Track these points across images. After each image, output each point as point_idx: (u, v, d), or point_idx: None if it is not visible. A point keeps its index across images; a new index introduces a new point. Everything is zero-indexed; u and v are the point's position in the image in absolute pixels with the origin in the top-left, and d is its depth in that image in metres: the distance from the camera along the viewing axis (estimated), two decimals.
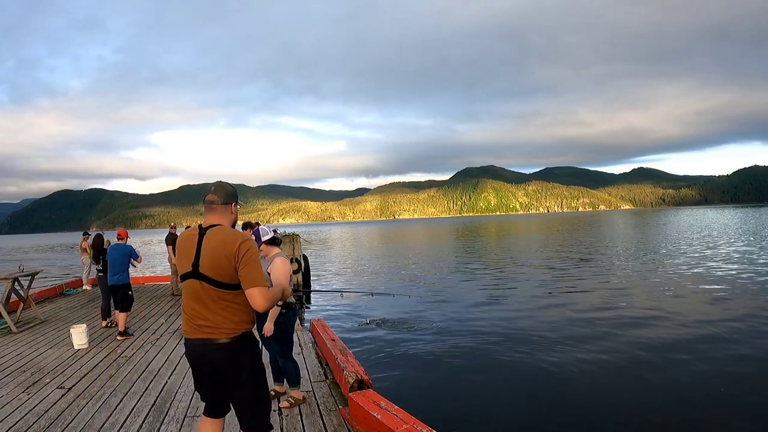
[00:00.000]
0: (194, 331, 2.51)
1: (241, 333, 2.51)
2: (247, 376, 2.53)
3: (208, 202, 2.63)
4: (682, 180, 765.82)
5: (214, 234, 2.51)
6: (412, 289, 14.78)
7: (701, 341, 7.86)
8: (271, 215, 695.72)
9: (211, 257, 2.46)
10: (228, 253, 2.43)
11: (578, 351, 7.57)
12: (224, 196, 2.62)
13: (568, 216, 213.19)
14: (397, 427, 3.35)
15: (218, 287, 2.46)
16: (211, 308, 2.48)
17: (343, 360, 4.81)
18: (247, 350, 2.54)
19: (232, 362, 2.49)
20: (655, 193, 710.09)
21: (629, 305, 10.99)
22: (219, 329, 2.47)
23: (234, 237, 2.48)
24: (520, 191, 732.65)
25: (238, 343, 2.50)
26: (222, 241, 2.46)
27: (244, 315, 2.53)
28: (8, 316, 8.09)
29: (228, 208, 2.64)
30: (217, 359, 2.50)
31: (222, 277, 2.45)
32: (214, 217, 2.61)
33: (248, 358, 2.54)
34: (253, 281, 2.41)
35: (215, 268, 2.45)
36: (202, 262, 2.48)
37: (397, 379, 6.56)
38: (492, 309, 11.19)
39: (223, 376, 2.53)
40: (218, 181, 2.69)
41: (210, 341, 2.48)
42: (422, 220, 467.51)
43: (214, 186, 2.66)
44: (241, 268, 2.42)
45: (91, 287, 13.07)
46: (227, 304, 2.48)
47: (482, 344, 8.18)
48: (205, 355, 2.51)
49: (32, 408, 4.52)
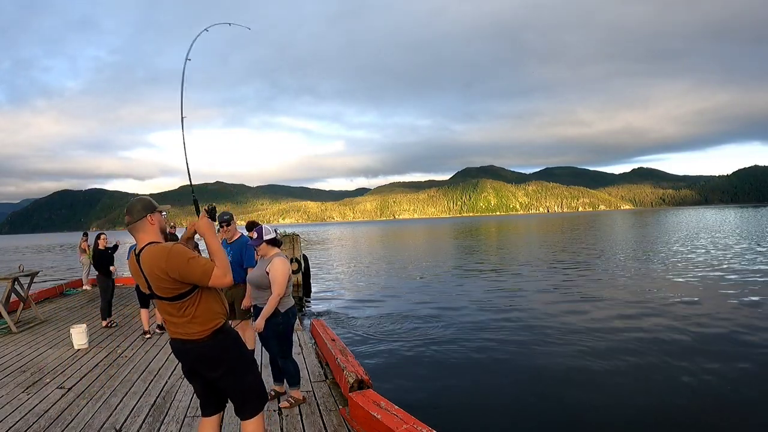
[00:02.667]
0: (172, 333, 2.66)
1: (212, 331, 2.59)
2: (227, 367, 2.63)
3: (127, 225, 2.63)
4: (682, 180, 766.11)
5: (145, 258, 2.53)
6: (413, 289, 14.78)
7: (706, 341, 7.85)
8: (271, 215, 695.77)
9: (153, 280, 2.51)
10: (161, 273, 2.45)
11: (579, 350, 7.57)
12: (136, 212, 2.60)
13: (568, 216, 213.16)
14: (397, 427, 3.35)
15: (176, 301, 2.53)
16: (178, 318, 2.57)
17: (343, 360, 4.80)
18: (220, 344, 2.62)
19: (208, 358, 2.61)
20: (655, 193, 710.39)
21: (630, 305, 10.98)
22: (190, 333, 2.58)
23: (159, 256, 2.47)
24: (520, 191, 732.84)
25: (211, 339, 2.59)
26: (152, 264, 2.48)
27: (209, 314, 2.59)
28: (8, 316, 8.09)
29: (145, 222, 2.61)
30: (193, 355, 2.62)
31: (173, 292, 2.51)
32: (138, 236, 2.62)
33: (223, 351, 2.62)
34: (204, 275, 2.46)
35: (162, 289, 2.51)
36: (152, 286, 2.54)
37: (397, 379, 6.56)
38: (493, 309, 11.18)
39: (205, 370, 2.65)
40: (132, 201, 2.68)
41: (186, 341, 2.61)
42: (422, 220, 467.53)
43: (126, 209, 2.65)
44: (186, 277, 2.46)
45: (91, 287, 13.06)
46: (191, 311, 2.55)
47: (483, 344, 8.18)
48: (183, 351, 2.64)
49: (32, 408, 4.51)
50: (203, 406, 2.83)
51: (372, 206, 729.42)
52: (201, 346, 2.59)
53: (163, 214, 2.72)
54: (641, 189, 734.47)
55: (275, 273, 4.01)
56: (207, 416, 2.82)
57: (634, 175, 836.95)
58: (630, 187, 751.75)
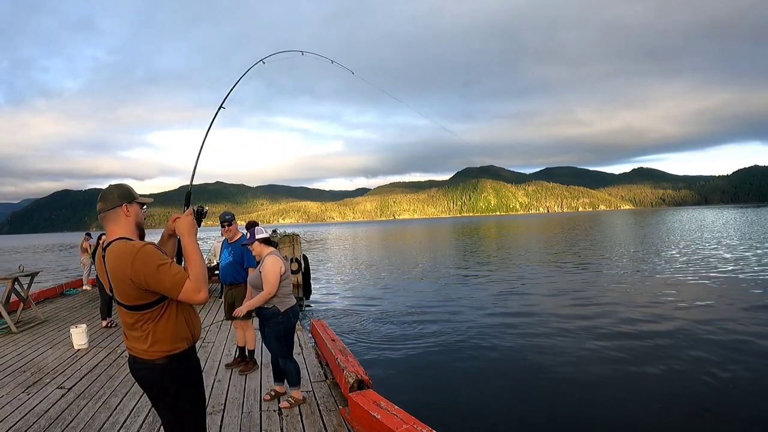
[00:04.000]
0: (127, 347, 2.31)
1: (167, 355, 2.21)
2: (168, 400, 2.26)
3: (98, 212, 2.26)
4: (681, 180, 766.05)
5: (109, 257, 2.16)
6: (413, 289, 14.78)
7: (707, 341, 7.85)
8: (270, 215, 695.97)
9: (116, 284, 2.15)
10: (125, 277, 2.09)
11: (580, 351, 7.57)
12: (110, 200, 2.25)
13: (568, 216, 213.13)
14: (397, 427, 3.35)
15: (134, 311, 2.17)
16: (133, 329, 2.22)
17: (343, 360, 4.81)
18: (170, 373, 2.23)
19: (153, 383, 2.25)
20: (655, 193, 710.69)
21: (631, 304, 10.98)
22: (140, 350, 2.23)
23: (122, 256, 2.10)
24: (520, 191, 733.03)
25: (164, 364, 2.22)
26: (116, 266, 2.12)
27: (169, 336, 2.22)
28: (8, 316, 8.10)
29: (119, 212, 2.24)
30: (140, 378, 2.29)
31: (135, 300, 2.15)
32: (109, 227, 2.25)
33: (171, 381, 2.23)
34: (174, 286, 2.09)
35: (124, 294, 2.15)
36: (114, 289, 2.18)
37: (397, 379, 6.56)
38: (493, 309, 11.18)
39: (149, 394, 2.31)
40: (108, 186, 2.32)
41: (137, 358, 2.26)
42: (422, 220, 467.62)
43: (100, 194, 2.28)
44: (152, 286, 2.09)
45: (92, 287, 13.06)
46: (148, 326, 2.19)
47: (483, 344, 8.18)
48: (133, 370, 2.30)
49: (32, 408, 4.52)
50: None
51: (372, 206, 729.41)
52: (149, 368, 2.21)
53: (143, 207, 2.36)
54: (641, 189, 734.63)
55: (266, 271, 4.06)
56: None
57: (634, 175, 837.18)
58: (630, 187, 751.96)
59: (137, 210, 2.31)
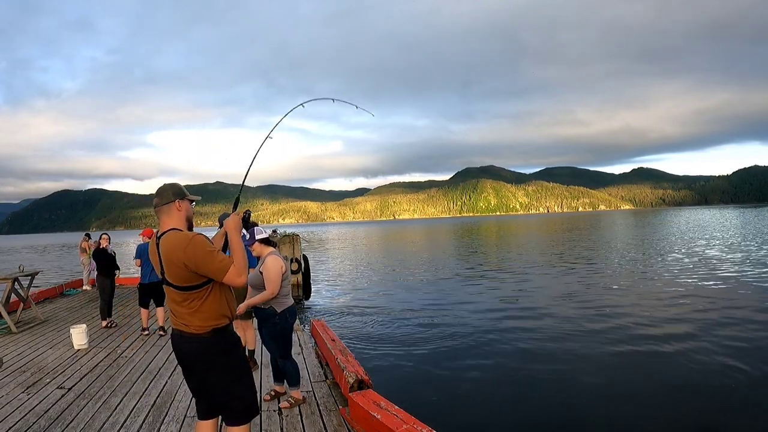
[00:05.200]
0: (174, 323, 2.65)
1: (212, 328, 2.57)
2: (218, 369, 2.59)
3: (154, 207, 2.66)
4: (681, 180, 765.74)
5: (164, 243, 2.54)
6: (413, 290, 14.78)
7: (709, 342, 7.85)
8: (270, 215, 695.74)
9: (168, 266, 2.52)
10: (178, 261, 2.46)
11: (581, 351, 7.57)
12: (165, 196, 2.63)
13: (568, 216, 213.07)
14: (397, 427, 3.35)
15: (184, 291, 2.53)
16: (182, 308, 2.57)
17: (343, 360, 4.80)
18: (216, 344, 2.58)
19: (200, 355, 2.58)
20: (654, 193, 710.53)
21: (633, 305, 10.99)
22: (190, 325, 2.56)
23: (176, 244, 2.48)
24: (520, 191, 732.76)
25: (209, 337, 2.56)
26: (170, 250, 2.49)
27: (214, 312, 2.58)
28: (8, 316, 8.09)
29: (172, 207, 2.62)
30: (187, 350, 2.61)
31: (185, 282, 2.51)
32: (163, 219, 2.63)
33: (218, 352, 2.59)
34: (220, 271, 2.46)
35: (175, 276, 2.51)
36: (166, 272, 2.55)
37: (397, 379, 6.56)
38: (494, 309, 11.18)
39: (196, 367, 2.62)
40: (163, 185, 2.70)
41: (184, 333, 2.59)
42: (422, 220, 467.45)
43: (157, 191, 2.68)
44: (201, 269, 2.46)
45: (91, 287, 13.05)
46: (196, 304, 2.54)
47: (483, 344, 8.18)
48: (180, 343, 2.63)
49: (32, 408, 4.52)
50: (197, 408, 2.81)
51: (372, 206, 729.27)
52: (197, 341, 2.56)
53: (192, 203, 2.73)
54: (641, 189, 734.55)
55: (267, 271, 4.05)
56: (202, 419, 2.79)
57: (634, 175, 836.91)
58: (630, 187, 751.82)
59: (187, 206, 2.68)
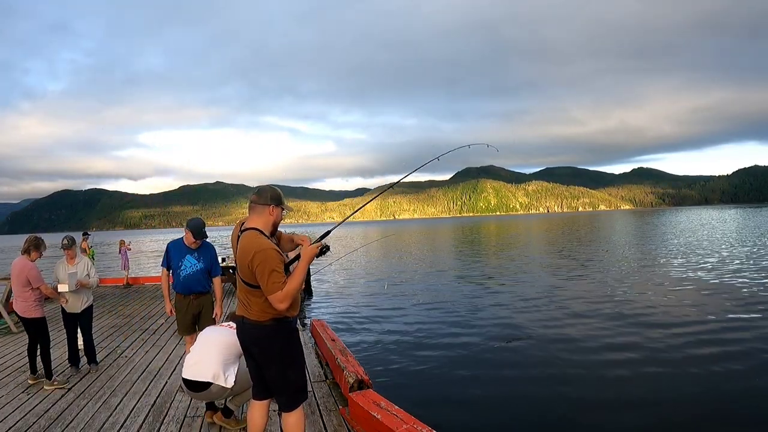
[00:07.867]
0: (238, 309, 2.92)
1: (272, 317, 2.79)
2: (273, 355, 2.83)
3: (251, 202, 2.92)
4: (681, 180, 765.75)
5: (243, 238, 2.81)
6: (413, 290, 14.77)
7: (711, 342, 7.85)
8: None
9: (240, 263, 2.81)
10: (247, 262, 2.73)
11: (581, 351, 7.57)
12: (263, 197, 2.86)
13: (568, 216, 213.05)
14: (397, 427, 3.35)
15: (249, 286, 2.80)
16: (248, 295, 2.83)
17: (343, 360, 4.80)
18: (276, 334, 2.82)
19: (259, 341, 2.83)
20: (654, 193, 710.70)
21: (633, 304, 10.97)
22: (252, 314, 2.82)
23: (249, 249, 2.73)
24: (520, 191, 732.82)
25: (269, 326, 2.80)
26: (244, 251, 2.76)
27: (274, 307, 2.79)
28: (8, 316, 8.09)
29: (265, 210, 2.86)
30: (248, 336, 2.87)
31: (250, 279, 2.77)
32: (252, 216, 2.89)
33: (275, 340, 2.82)
34: (268, 290, 2.68)
35: (243, 271, 2.80)
36: (238, 263, 2.85)
37: (397, 379, 6.56)
38: (494, 309, 11.18)
39: (255, 351, 2.87)
40: (264, 185, 2.96)
41: (246, 319, 2.85)
42: (422, 220, 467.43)
43: (257, 188, 2.93)
44: (258, 278, 2.71)
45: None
46: (259, 298, 2.77)
47: (483, 344, 8.17)
48: (242, 328, 2.90)
49: (32, 408, 4.52)
50: (254, 388, 3.08)
51: (372, 206, 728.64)
52: (257, 327, 2.80)
53: (283, 212, 2.95)
54: (641, 189, 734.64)
55: None
56: (257, 399, 3.07)
57: (634, 175, 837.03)
58: (630, 187, 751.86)
59: (279, 213, 2.91)
